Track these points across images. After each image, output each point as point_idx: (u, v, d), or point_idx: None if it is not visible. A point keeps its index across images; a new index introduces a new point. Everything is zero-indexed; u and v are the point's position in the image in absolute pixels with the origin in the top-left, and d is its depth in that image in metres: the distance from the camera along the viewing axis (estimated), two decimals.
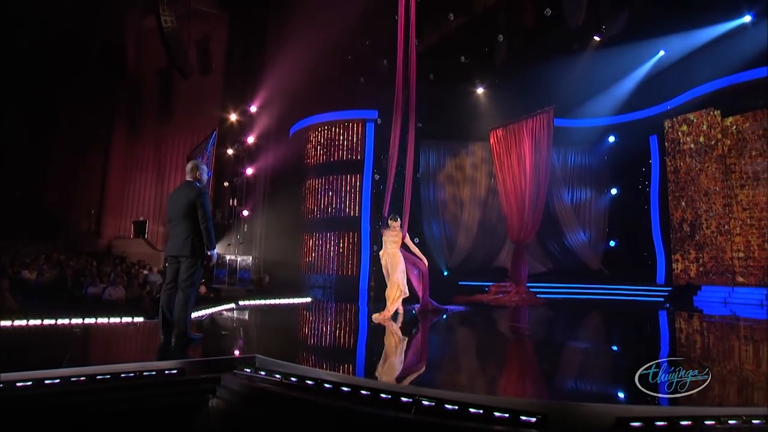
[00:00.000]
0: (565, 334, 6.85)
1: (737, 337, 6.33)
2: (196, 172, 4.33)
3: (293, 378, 2.84)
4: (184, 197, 4.14)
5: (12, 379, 2.65)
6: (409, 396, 2.47)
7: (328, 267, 13.75)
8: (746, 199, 12.30)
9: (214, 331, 5.18)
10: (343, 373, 3.02)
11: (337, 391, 2.65)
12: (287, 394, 2.74)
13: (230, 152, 15.36)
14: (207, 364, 3.31)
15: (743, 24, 11.22)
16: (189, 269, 4.11)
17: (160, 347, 4.06)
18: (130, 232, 20.85)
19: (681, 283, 12.68)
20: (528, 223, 12.61)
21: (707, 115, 12.67)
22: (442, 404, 2.38)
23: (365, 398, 2.57)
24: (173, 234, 4.20)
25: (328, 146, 14.32)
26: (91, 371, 2.87)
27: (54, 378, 2.72)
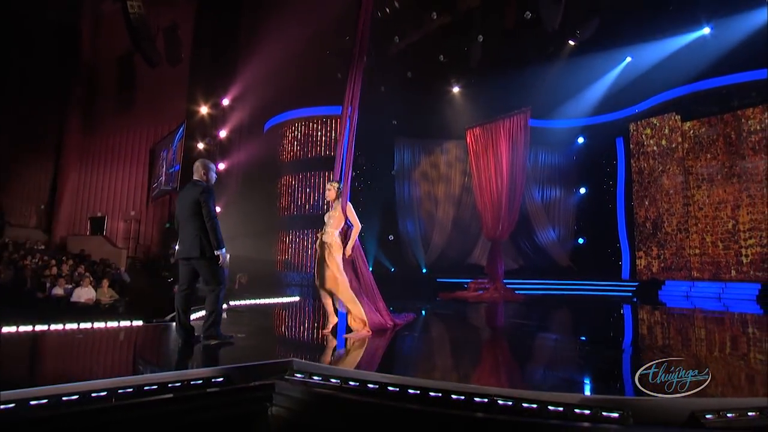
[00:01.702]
0: (581, 330, 6.88)
1: (706, 327, 6.84)
2: (201, 171, 4.18)
3: (352, 382, 2.79)
4: (189, 197, 4.03)
5: (50, 394, 2.45)
6: (484, 396, 2.50)
7: (305, 265, 13.55)
8: (702, 199, 13.20)
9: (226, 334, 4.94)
10: (395, 375, 2.99)
11: (404, 393, 2.64)
12: (348, 398, 2.69)
13: (201, 146, 14.78)
14: (246, 370, 3.19)
15: (703, 36, 11.98)
16: (209, 270, 4.03)
17: (182, 353, 3.88)
18: (86, 229, 19.67)
19: (644, 278, 13.46)
20: (504, 221, 12.95)
21: (669, 120, 13.49)
22: (519, 403, 2.43)
23: (434, 400, 2.58)
24: (182, 235, 4.07)
25: (306, 142, 14.09)
26: (135, 381, 2.70)
27: (99, 390, 2.54)
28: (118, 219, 19.30)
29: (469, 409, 2.48)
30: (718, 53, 11.75)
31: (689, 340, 5.69)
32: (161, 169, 18.23)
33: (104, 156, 20.24)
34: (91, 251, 16.20)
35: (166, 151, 18.54)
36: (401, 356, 4.39)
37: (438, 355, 4.43)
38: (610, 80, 13.41)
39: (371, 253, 14.75)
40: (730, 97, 12.56)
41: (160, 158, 18.88)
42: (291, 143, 14.41)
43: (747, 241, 12.44)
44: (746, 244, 12.45)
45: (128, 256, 17.82)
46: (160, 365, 3.74)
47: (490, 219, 13.31)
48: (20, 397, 2.33)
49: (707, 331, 6.62)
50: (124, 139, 20.00)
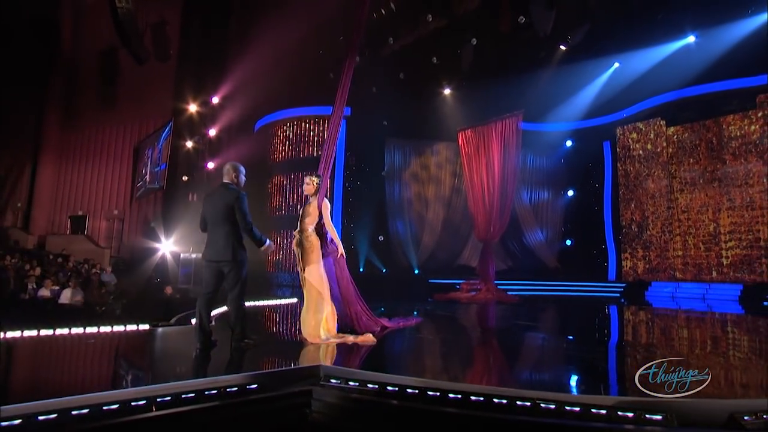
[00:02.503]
0: (592, 333, 6.91)
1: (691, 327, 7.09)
2: (233, 174, 4.19)
3: (390, 387, 2.80)
4: (221, 201, 4.02)
5: (89, 403, 2.39)
6: (526, 399, 2.54)
7: (296, 265, 13.42)
8: (684, 202, 13.61)
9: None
10: (429, 378, 3.01)
11: (444, 398, 2.66)
12: (388, 403, 2.70)
13: (189, 145, 14.52)
14: (275, 376, 3.17)
15: (688, 44, 12.35)
16: (235, 273, 4.04)
17: (203, 359, 3.82)
18: (66, 228, 19.12)
19: (630, 279, 13.80)
20: (495, 223, 13.10)
21: (654, 125, 13.86)
22: (562, 406, 2.47)
23: (476, 404, 2.61)
24: (212, 238, 4.05)
25: (297, 142, 13.99)
26: (172, 388, 2.65)
27: (139, 399, 2.49)
28: (100, 218, 18.83)
29: (512, 413, 2.52)
30: (702, 62, 12.14)
31: (703, 342, 5.82)
32: (146, 168, 17.86)
33: (85, 153, 19.72)
34: (72, 251, 15.75)
35: (151, 150, 18.16)
36: (426, 359, 4.41)
37: (463, 358, 4.45)
38: (598, 85, 13.71)
39: (362, 253, 14.73)
40: (712, 104, 12.96)
41: (144, 156, 18.49)
42: (282, 143, 14.28)
43: (727, 244, 12.88)
44: (726, 247, 12.88)
45: (111, 255, 17.41)
46: (188, 372, 3.67)
47: (481, 220, 13.44)
48: (62, 407, 2.27)
49: (711, 332, 6.84)
50: (106, 136, 19.52)
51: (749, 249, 12.50)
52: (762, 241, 12.30)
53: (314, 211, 4.87)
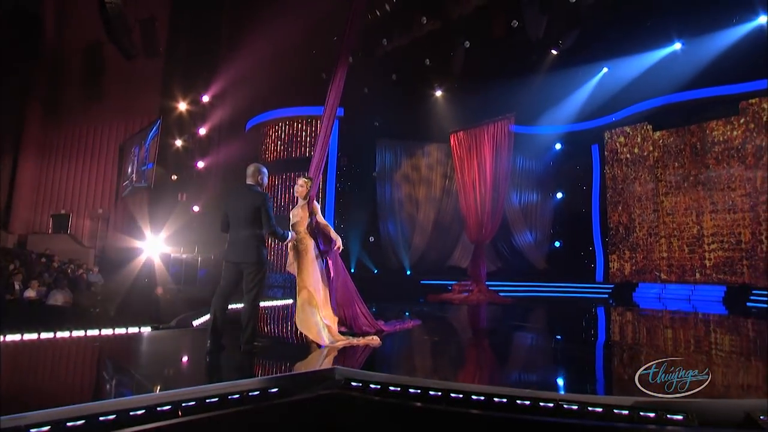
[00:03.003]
0: (592, 334, 6.92)
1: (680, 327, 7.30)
2: (257, 176, 4.22)
3: (412, 389, 2.82)
4: (248, 203, 4.03)
5: (116, 408, 2.36)
6: (549, 400, 2.59)
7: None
8: (669, 205, 13.95)
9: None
10: (450, 381, 3.04)
11: (468, 399, 2.69)
12: (414, 406, 2.72)
13: (179, 143, 14.31)
14: (292, 380, 3.16)
15: (674, 51, 12.66)
16: (256, 276, 4.06)
17: (215, 362, 3.78)
18: (48, 227, 18.64)
19: (617, 280, 14.08)
20: (487, 224, 13.24)
21: (641, 129, 14.18)
22: (585, 407, 2.53)
23: (499, 405, 2.65)
24: (235, 239, 4.07)
25: (290, 142, 13.91)
26: (196, 392, 2.62)
27: (164, 404, 2.46)
28: (83, 217, 18.40)
29: (536, 413, 2.57)
30: (688, 69, 12.45)
31: (687, 342, 6.02)
32: (132, 166, 17.53)
33: (68, 150, 19.24)
34: (55, 250, 15.38)
35: (137, 148, 17.84)
36: (441, 361, 4.44)
37: (476, 359, 4.51)
38: (587, 90, 13.96)
39: (354, 254, 14.72)
40: (696, 109, 13.31)
41: (130, 154, 18.15)
42: (274, 143, 14.18)
43: (710, 246, 13.24)
44: (709, 249, 13.24)
45: (96, 255, 17.05)
46: (204, 376, 3.63)
47: (473, 222, 13.57)
48: (90, 413, 2.23)
49: (694, 332, 7.04)
50: (90, 133, 19.08)
51: (731, 251, 12.87)
52: (743, 244, 12.67)
53: (305, 213, 4.83)
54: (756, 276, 12.20)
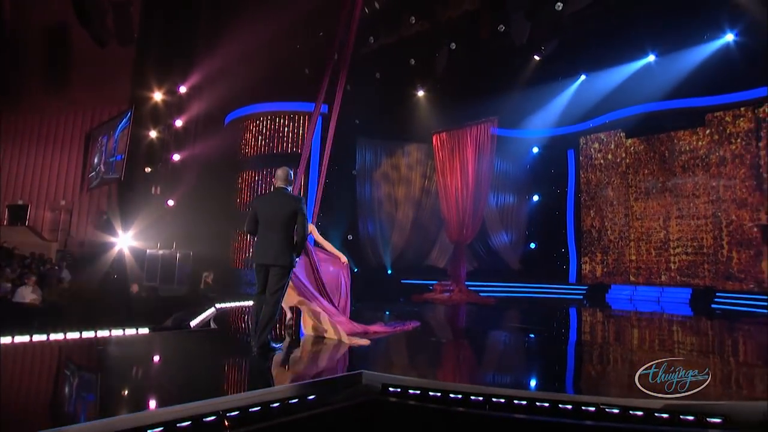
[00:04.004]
0: (589, 334, 7.26)
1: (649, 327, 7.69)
2: (289, 180, 4.23)
3: (453, 394, 2.82)
4: (284, 206, 4.04)
5: (164, 420, 2.24)
6: (590, 404, 2.65)
7: None
8: (639, 210, 14.58)
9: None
10: (478, 384, 3.06)
11: (510, 403, 2.72)
12: (458, 411, 2.72)
13: (153, 135, 13.75)
14: (321, 386, 3.10)
15: (649, 63, 13.21)
16: (282, 278, 4.06)
17: (251, 364, 3.67)
18: (2, 218, 17.55)
19: (588, 282, 14.60)
20: (468, 225, 13.45)
21: (615, 136, 14.74)
22: (626, 410, 2.61)
23: (541, 409, 2.69)
24: (266, 241, 4.04)
25: (271, 137, 13.61)
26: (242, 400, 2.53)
27: (208, 414, 2.36)
28: (44, 208, 17.44)
29: (577, 417, 2.63)
30: (660, 81, 13.02)
31: (652, 340, 6.31)
32: (100, 157, 16.74)
33: (28, 138, 18.20)
34: (13, 243, 14.52)
35: (106, 138, 17.06)
36: (467, 363, 4.48)
37: (499, 362, 4.57)
38: (566, 97, 14.36)
39: None
40: (666, 120, 13.94)
41: (98, 144, 17.34)
42: (255, 137, 13.83)
43: (675, 250, 13.93)
44: (674, 253, 13.93)
45: (58, 249, 16.19)
46: (245, 382, 3.50)
47: (454, 223, 13.74)
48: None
49: (666, 331, 7.39)
50: (53, 121, 18.11)
51: (694, 255, 13.59)
52: (705, 248, 13.40)
53: None
54: (717, 279, 12.93)
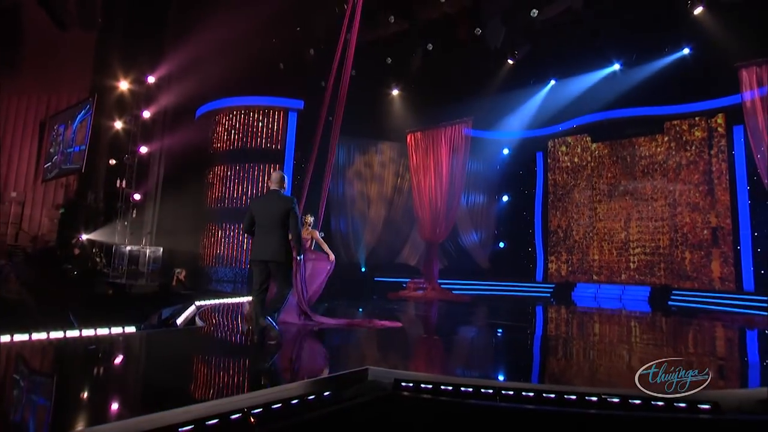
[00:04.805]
0: (574, 329, 7.57)
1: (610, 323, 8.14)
2: (283, 183, 4.62)
3: (463, 388, 2.90)
4: (279, 207, 4.38)
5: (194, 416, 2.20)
6: (593, 395, 2.80)
7: (239, 260, 12.83)
8: (602, 212, 15.25)
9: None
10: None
11: (520, 396, 2.83)
12: (465, 402, 2.80)
13: (118, 126, 13.16)
14: (328, 382, 3.11)
15: (614, 71, 13.82)
16: (287, 273, 4.45)
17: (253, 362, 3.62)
18: None
19: (554, 280, 15.15)
20: (442, 224, 13.67)
21: (581, 140, 15.35)
22: (626, 399, 2.77)
23: (548, 400, 2.81)
24: (264, 240, 4.36)
25: (244, 132, 13.32)
26: (264, 398, 2.51)
27: (234, 411, 2.33)
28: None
29: (582, 407, 2.76)
30: (624, 89, 13.65)
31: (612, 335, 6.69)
32: (58, 147, 15.87)
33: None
34: None
35: (63, 127, 16.20)
36: (467, 358, 4.58)
37: (504, 356, 4.68)
38: (537, 101, 14.81)
39: None
40: (628, 126, 14.64)
41: (53, 133, 16.43)
42: (228, 132, 13.50)
43: (634, 250, 14.66)
44: (634, 253, 14.66)
45: (8, 244, 15.24)
46: (255, 380, 3.44)
47: (428, 221, 13.93)
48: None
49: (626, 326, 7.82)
50: (4, 106, 16.98)
51: (651, 255, 14.35)
52: (662, 249, 14.19)
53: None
54: (672, 278, 13.72)
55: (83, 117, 14.89)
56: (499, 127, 15.60)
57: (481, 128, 15.46)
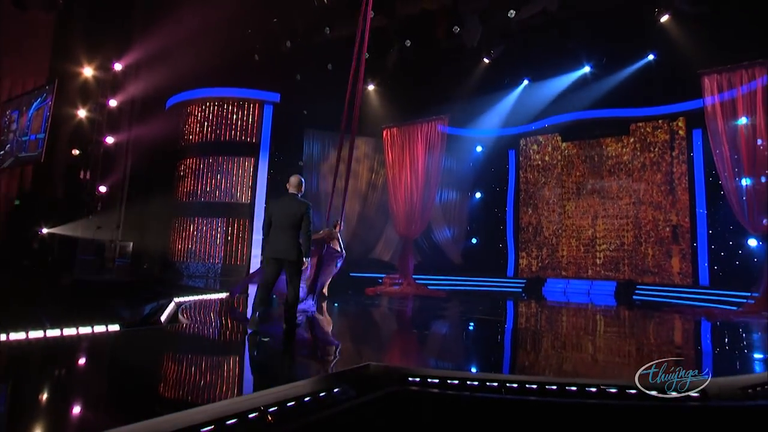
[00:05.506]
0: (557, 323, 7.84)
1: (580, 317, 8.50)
2: (301, 187, 4.99)
3: (469, 381, 2.96)
4: (294, 210, 4.72)
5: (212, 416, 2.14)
6: (593, 386, 2.91)
7: (212, 255, 12.51)
8: (571, 209, 15.76)
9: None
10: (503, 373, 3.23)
11: (524, 388, 2.91)
12: (482, 397, 2.86)
13: (82, 114, 12.53)
14: (330, 379, 3.11)
15: (585, 74, 14.27)
16: (296, 270, 4.79)
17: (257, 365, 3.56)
18: None
19: (525, 276, 15.56)
20: (417, 220, 13.77)
21: (552, 139, 15.78)
22: (624, 389, 2.90)
23: (552, 392, 2.91)
24: (277, 238, 4.71)
25: (218, 124, 12.95)
26: (276, 397, 2.47)
27: (250, 410, 2.29)
28: None
29: (582, 397, 2.87)
30: (593, 91, 14.14)
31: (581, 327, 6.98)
32: (12, 134, 14.99)
33: None
34: None
35: (16, 113, 15.33)
36: (463, 351, 4.66)
37: (501, 350, 4.77)
38: (511, 100, 15.11)
39: None
40: (596, 127, 15.16)
41: (7, 119, 15.52)
42: (200, 123, 13.09)
43: (600, 246, 15.24)
44: (600, 249, 15.24)
45: None
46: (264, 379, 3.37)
47: (403, 217, 14.00)
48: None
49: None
50: None
51: (616, 252, 14.96)
52: (626, 246, 14.81)
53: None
54: (635, 273, 14.35)
55: (40, 104, 14.13)
56: (473, 125, 15.83)
57: (455, 125, 15.64)
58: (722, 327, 7.89)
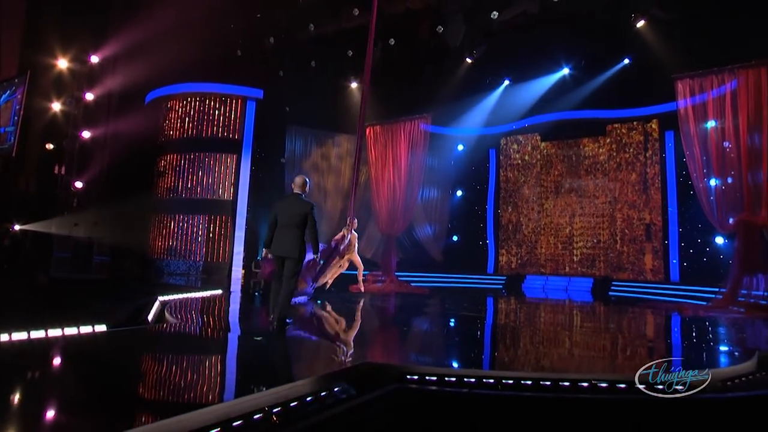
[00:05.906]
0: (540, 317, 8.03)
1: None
2: (305, 187, 5.16)
3: (467, 378, 3.06)
4: (298, 209, 4.92)
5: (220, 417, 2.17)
6: (585, 381, 3.05)
7: (194, 253, 12.32)
8: (549, 207, 16.13)
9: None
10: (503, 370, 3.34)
11: (519, 384, 3.03)
12: (482, 394, 2.96)
13: (57, 108, 12.16)
14: (328, 379, 3.17)
15: (564, 75, 14.59)
16: (296, 267, 4.96)
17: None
18: None
19: (505, 272, 15.87)
20: (400, 218, 13.89)
21: (531, 139, 16.10)
22: (614, 384, 3.04)
23: (545, 388, 3.03)
24: (282, 236, 4.92)
25: (199, 120, 12.73)
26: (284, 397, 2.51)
27: (255, 412, 2.33)
28: None
29: (575, 392, 3.01)
30: (572, 93, 14.50)
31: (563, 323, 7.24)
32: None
33: None
34: None
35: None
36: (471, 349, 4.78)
37: (495, 346, 4.90)
38: (492, 100, 15.34)
39: (262, 241, 14.16)
40: (574, 127, 15.54)
41: None
42: (181, 119, 12.85)
43: (577, 244, 15.66)
44: (577, 246, 15.67)
45: None
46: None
47: (385, 215, 14.09)
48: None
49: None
50: None
51: (592, 249, 15.40)
52: (602, 243, 15.26)
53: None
54: (610, 270, 14.81)
55: (9, 96, 13.65)
56: (455, 124, 16.00)
57: (438, 124, 15.79)
58: (692, 321, 8.26)
